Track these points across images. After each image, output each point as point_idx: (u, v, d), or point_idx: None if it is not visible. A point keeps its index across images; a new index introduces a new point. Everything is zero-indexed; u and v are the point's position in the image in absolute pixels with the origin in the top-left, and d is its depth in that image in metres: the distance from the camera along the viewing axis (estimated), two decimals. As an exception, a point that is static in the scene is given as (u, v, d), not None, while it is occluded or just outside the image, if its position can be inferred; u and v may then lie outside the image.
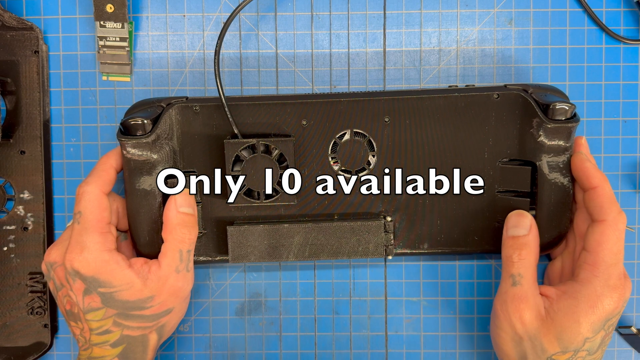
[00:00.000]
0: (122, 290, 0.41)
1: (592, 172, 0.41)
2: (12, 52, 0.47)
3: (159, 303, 0.42)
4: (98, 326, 0.41)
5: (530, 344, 0.41)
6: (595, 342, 0.40)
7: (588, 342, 0.40)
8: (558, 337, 0.40)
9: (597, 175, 0.41)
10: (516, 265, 0.42)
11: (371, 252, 0.45)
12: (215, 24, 0.48)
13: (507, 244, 0.43)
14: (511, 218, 0.43)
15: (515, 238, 0.42)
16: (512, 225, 0.43)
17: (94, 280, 0.41)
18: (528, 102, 0.43)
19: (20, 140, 0.48)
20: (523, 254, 0.42)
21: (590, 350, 0.40)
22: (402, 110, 0.44)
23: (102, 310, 0.41)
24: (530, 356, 0.41)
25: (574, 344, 0.40)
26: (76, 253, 0.41)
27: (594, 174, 0.41)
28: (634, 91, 0.48)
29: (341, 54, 0.48)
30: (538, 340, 0.40)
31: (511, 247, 0.42)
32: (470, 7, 0.48)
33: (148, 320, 0.42)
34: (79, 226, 0.42)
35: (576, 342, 0.40)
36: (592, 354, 0.41)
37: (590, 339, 0.40)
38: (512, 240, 0.42)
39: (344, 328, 0.49)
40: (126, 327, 0.42)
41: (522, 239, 0.42)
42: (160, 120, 0.43)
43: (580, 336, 0.40)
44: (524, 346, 0.41)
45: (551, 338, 0.40)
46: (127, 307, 0.42)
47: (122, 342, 0.42)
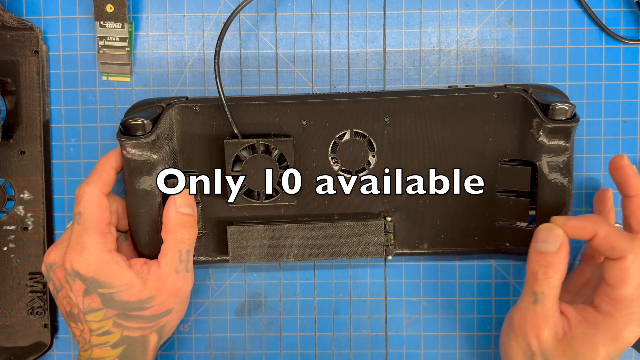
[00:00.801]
0: (122, 291, 0.41)
1: (580, 225, 0.39)
2: (12, 52, 0.47)
3: (159, 303, 0.42)
4: (98, 327, 0.41)
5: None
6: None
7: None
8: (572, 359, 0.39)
9: (587, 223, 0.39)
10: (540, 283, 0.39)
11: (371, 252, 0.45)
12: (215, 24, 0.48)
13: (533, 258, 0.40)
14: (541, 232, 0.40)
15: (543, 254, 0.39)
16: (541, 240, 0.40)
17: (93, 281, 0.41)
18: (528, 102, 0.43)
19: (20, 140, 0.48)
20: (550, 273, 0.39)
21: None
22: (402, 110, 0.44)
23: (102, 311, 0.41)
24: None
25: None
26: (76, 254, 0.41)
27: (583, 224, 0.39)
28: (634, 91, 0.48)
29: (341, 54, 0.48)
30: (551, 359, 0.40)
31: (538, 263, 0.39)
32: (470, 7, 0.48)
33: (148, 320, 0.42)
34: (78, 227, 0.41)
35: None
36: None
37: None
38: (540, 256, 0.39)
39: (344, 328, 0.49)
40: (126, 327, 0.42)
41: (550, 256, 0.39)
42: (160, 121, 0.43)
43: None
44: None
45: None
46: (127, 308, 0.41)
47: (122, 343, 0.42)
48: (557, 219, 0.40)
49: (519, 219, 0.45)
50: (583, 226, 0.39)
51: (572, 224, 0.39)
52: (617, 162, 0.41)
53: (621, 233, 0.39)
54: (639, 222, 0.40)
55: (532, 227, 0.44)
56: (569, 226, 0.39)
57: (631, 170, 0.40)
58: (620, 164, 0.41)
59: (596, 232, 0.39)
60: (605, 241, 0.39)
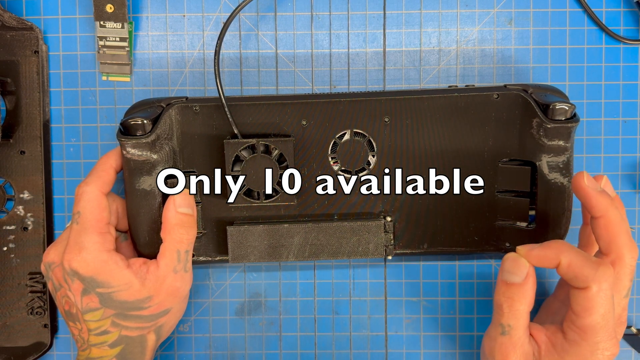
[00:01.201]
0: (120, 291, 0.41)
1: (543, 255, 0.38)
2: (12, 52, 0.47)
3: (157, 303, 0.42)
4: (96, 327, 0.41)
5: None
6: None
7: None
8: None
9: (549, 252, 0.38)
10: (506, 316, 0.39)
11: (371, 252, 0.45)
12: (215, 24, 0.48)
13: (499, 289, 0.39)
14: (507, 261, 0.39)
15: (509, 285, 0.39)
16: (507, 270, 0.39)
17: (92, 281, 0.41)
18: (528, 102, 0.43)
19: (20, 140, 0.48)
20: (515, 306, 0.39)
21: None
22: (402, 110, 0.44)
23: (100, 310, 0.41)
24: None
25: None
26: (74, 253, 0.41)
27: (546, 254, 0.38)
28: (634, 91, 0.48)
29: (341, 54, 0.48)
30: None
31: (504, 294, 0.39)
32: (470, 7, 0.48)
33: (146, 320, 0.42)
34: (77, 226, 0.41)
35: None
36: None
37: None
38: (505, 287, 0.39)
39: (343, 328, 0.49)
40: (124, 327, 0.42)
41: (515, 288, 0.39)
42: (160, 121, 0.43)
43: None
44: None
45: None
46: (125, 308, 0.41)
47: (121, 342, 0.42)
48: (521, 248, 0.39)
49: (519, 219, 0.45)
50: (545, 255, 0.38)
51: (535, 254, 0.39)
52: (577, 183, 0.39)
53: (586, 261, 0.37)
54: (606, 244, 0.39)
55: (532, 227, 0.44)
56: (533, 256, 0.39)
57: (592, 190, 0.39)
58: (580, 186, 0.39)
59: (559, 260, 0.38)
60: (568, 270, 0.37)
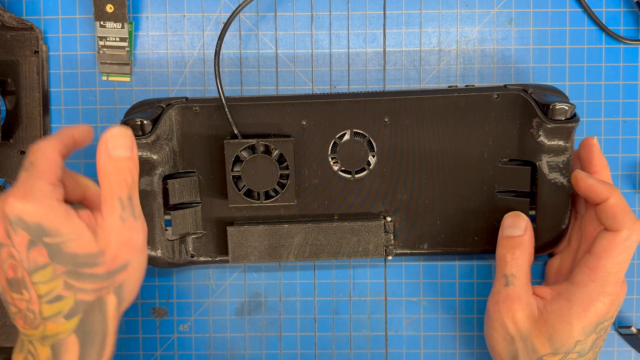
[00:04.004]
0: (70, 240, 0.37)
1: (597, 186, 0.40)
2: (12, 52, 0.47)
3: (111, 258, 0.38)
4: (47, 290, 0.37)
5: (521, 344, 0.41)
6: (586, 344, 0.40)
7: (579, 345, 0.40)
8: (549, 338, 0.40)
9: (603, 187, 0.40)
10: (509, 265, 0.41)
11: (371, 252, 0.45)
12: (215, 24, 0.48)
13: (501, 244, 0.43)
14: (507, 219, 0.43)
15: (510, 238, 0.42)
16: (507, 226, 0.43)
17: (38, 228, 0.36)
18: (528, 102, 0.43)
19: (20, 140, 0.48)
20: (517, 254, 0.41)
21: (581, 352, 0.40)
22: (402, 111, 0.44)
23: (49, 267, 0.37)
24: (521, 356, 0.41)
25: (565, 346, 0.40)
26: (19, 196, 0.36)
27: (600, 187, 0.40)
28: (634, 91, 0.48)
29: (341, 54, 0.48)
30: (529, 340, 0.40)
31: (505, 246, 0.42)
32: (470, 7, 0.48)
33: (102, 279, 0.38)
34: (26, 174, 0.37)
35: (567, 344, 0.40)
36: (582, 355, 0.41)
37: (582, 342, 0.40)
38: (507, 240, 0.42)
39: (343, 328, 0.49)
40: (79, 290, 0.37)
41: (516, 239, 0.42)
42: (160, 121, 0.43)
43: (571, 338, 0.40)
44: (515, 346, 0.41)
45: (543, 339, 0.40)
46: (77, 264, 0.37)
47: (77, 310, 0.37)
48: (579, 172, 0.41)
49: (519, 219, 0.45)
50: (600, 187, 0.40)
51: (591, 182, 0.40)
52: (577, 176, 0.42)
53: (629, 209, 0.39)
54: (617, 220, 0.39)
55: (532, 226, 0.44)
56: (589, 183, 0.41)
57: (593, 179, 0.41)
58: (580, 177, 0.42)
59: (608, 198, 0.40)
60: (611, 210, 0.39)
